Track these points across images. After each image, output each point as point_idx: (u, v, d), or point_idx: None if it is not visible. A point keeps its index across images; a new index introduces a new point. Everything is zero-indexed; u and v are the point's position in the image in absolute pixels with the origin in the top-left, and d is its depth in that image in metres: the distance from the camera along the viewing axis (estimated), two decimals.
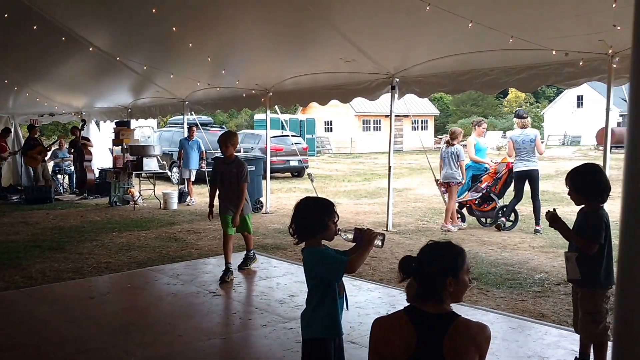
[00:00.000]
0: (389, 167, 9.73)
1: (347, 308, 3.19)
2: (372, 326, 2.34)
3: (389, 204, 9.57)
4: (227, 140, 6.58)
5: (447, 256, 2.29)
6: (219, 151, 14.94)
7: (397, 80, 8.81)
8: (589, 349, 3.70)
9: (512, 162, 9.97)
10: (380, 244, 3.08)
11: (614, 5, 5.16)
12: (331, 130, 41.02)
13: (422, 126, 42.86)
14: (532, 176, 9.24)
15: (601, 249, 3.52)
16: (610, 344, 3.66)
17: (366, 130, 40.04)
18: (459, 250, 2.33)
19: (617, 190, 7.83)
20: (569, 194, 3.62)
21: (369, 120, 39.82)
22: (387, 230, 9.35)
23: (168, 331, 4.91)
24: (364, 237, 3.05)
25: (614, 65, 6.72)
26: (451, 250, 2.32)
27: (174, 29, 8.23)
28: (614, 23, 5.65)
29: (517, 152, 9.35)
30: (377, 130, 39.70)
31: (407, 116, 31.50)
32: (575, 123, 48.69)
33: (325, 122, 40.78)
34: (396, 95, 8.93)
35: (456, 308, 5.36)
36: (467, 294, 5.79)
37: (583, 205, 3.65)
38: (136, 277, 6.78)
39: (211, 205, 6.78)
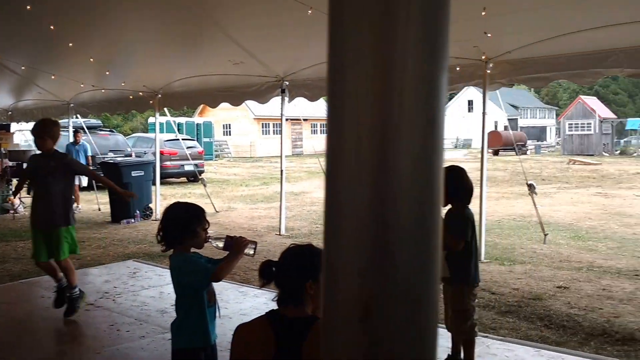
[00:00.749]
0: (281, 171, 9.71)
1: (219, 316, 3.12)
2: (234, 332, 2.29)
3: (282, 207, 9.54)
4: (42, 131, 5.18)
5: (306, 259, 2.27)
6: (109, 156, 14.41)
7: (287, 83, 8.81)
8: (459, 346, 3.83)
9: None
10: (252, 252, 3.02)
11: (483, 13, 5.40)
12: (230, 134, 40.57)
13: (321, 130, 43.35)
14: None
15: (468, 247, 3.65)
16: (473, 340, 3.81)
17: (266, 134, 39.94)
18: (318, 253, 2.30)
19: (495, 190, 8.28)
20: None
21: (269, 123, 39.75)
22: (279, 234, 9.33)
23: (36, 349, 4.60)
24: (234, 245, 2.98)
25: (488, 71, 7.07)
26: (311, 253, 2.30)
27: (51, 27, 7.78)
28: (485, 31, 5.92)
29: None
30: (277, 133, 39.58)
31: (306, 120, 31.73)
32: (467, 126, 51.06)
33: (223, 125, 40.27)
34: (286, 99, 8.93)
35: None
36: None
37: (450, 206, 3.77)
38: (7, 292, 6.32)
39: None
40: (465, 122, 52.10)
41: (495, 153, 36.91)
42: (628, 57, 6.21)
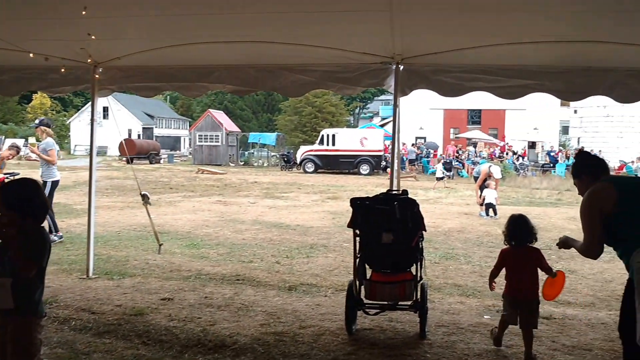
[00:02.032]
0: None
1: None
2: None
3: None
4: None
5: None
6: None
7: None
8: None
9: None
10: None
11: (83, 12, 4.99)
12: None
13: None
14: (54, 185, 9.21)
15: (40, 273, 3.19)
16: None
17: None
18: None
19: (122, 199, 7.75)
20: None
21: None
22: None
23: None
24: None
25: (97, 76, 6.68)
26: None
27: None
28: (88, 32, 5.53)
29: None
30: None
31: None
32: (102, 134, 49.22)
33: None
34: None
35: None
36: None
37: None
38: None
39: None
40: (100, 130, 50.22)
41: (129, 161, 36.44)
42: (229, 74, 6.57)
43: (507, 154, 38.65)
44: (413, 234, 4.85)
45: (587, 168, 3.94)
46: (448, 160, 32.04)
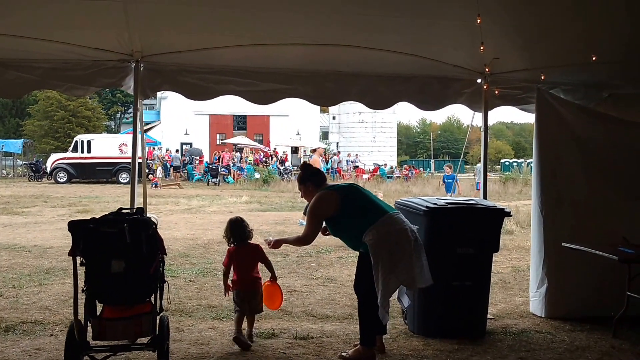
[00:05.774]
0: None
1: None
2: None
3: None
4: None
5: None
6: None
7: None
8: None
9: None
10: None
11: None
12: None
13: None
14: None
15: None
16: None
17: None
18: None
19: None
20: None
21: None
22: None
23: None
24: None
25: None
26: None
27: None
28: None
29: None
30: None
31: None
32: None
33: None
34: None
35: None
36: None
37: None
38: None
39: None
40: None
41: None
42: None
43: (271, 159, 39.57)
44: (150, 260, 4.14)
45: (312, 176, 4.83)
46: (214, 167, 31.68)
